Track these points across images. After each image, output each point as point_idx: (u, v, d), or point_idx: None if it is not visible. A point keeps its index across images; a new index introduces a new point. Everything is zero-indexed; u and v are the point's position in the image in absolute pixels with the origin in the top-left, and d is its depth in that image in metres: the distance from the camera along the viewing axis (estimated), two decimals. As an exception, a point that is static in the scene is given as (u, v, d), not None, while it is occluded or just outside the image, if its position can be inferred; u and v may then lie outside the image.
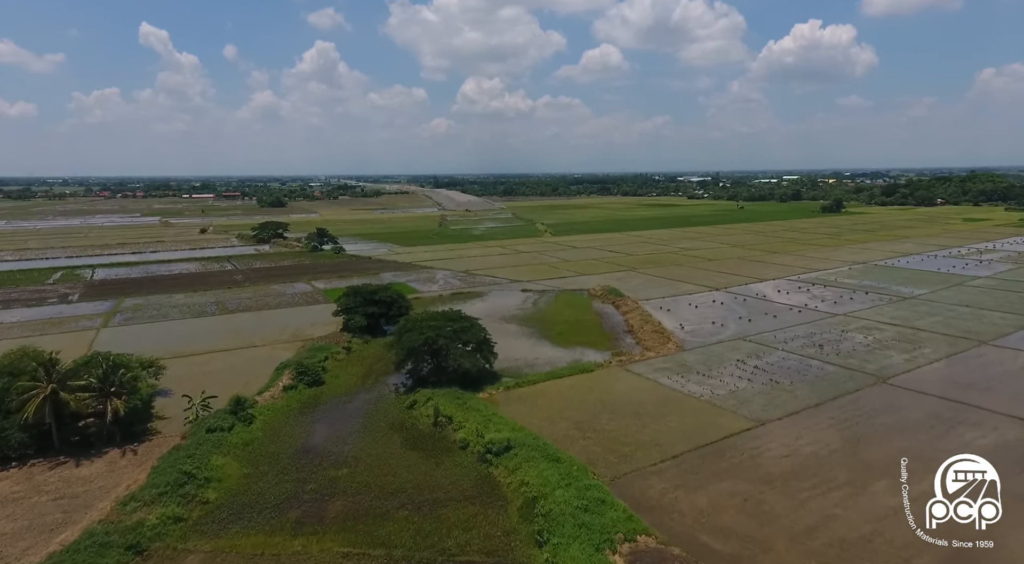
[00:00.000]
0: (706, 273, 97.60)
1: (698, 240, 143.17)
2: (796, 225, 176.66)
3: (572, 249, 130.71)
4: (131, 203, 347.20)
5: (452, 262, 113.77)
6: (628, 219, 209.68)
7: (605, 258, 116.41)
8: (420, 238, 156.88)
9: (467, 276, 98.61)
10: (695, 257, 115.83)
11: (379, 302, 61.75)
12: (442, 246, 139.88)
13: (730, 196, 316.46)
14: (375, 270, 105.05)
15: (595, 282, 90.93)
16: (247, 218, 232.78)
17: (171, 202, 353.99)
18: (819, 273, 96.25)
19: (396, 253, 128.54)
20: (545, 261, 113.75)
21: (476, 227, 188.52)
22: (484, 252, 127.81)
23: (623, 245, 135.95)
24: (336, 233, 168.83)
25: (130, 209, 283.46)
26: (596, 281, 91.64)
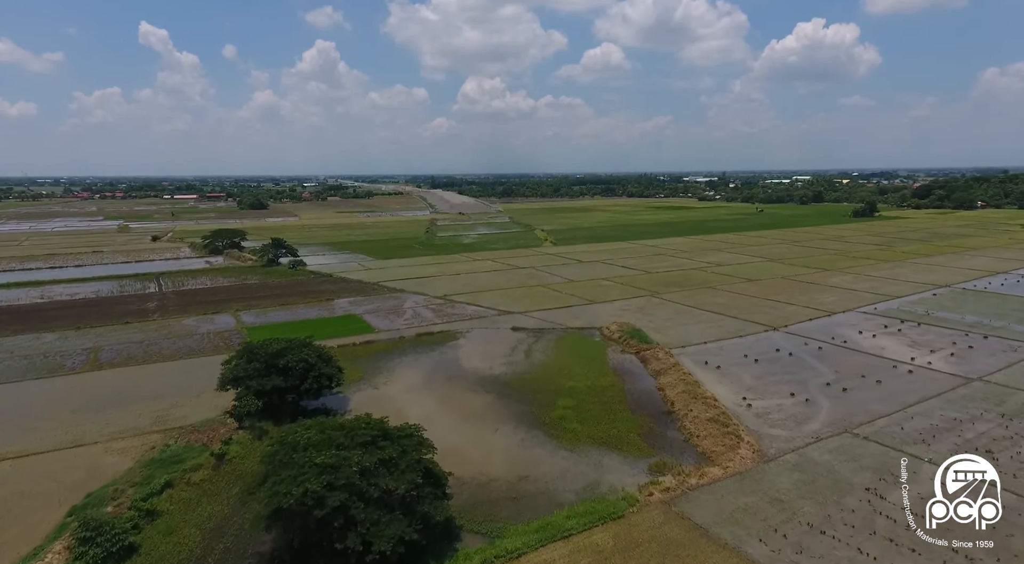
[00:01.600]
0: (751, 301, 75.95)
1: (725, 252, 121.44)
2: (831, 232, 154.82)
3: (577, 264, 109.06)
4: (106, 204, 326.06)
5: (430, 282, 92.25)
6: (637, 224, 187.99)
7: (617, 277, 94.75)
8: (400, 248, 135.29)
9: (444, 304, 77.03)
10: (728, 276, 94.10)
11: (287, 371, 40.07)
12: (423, 259, 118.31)
13: (744, 198, 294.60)
14: (330, 294, 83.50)
15: (609, 314, 69.37)
16: (218, 222, 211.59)
17: (149, 203, 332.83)
18: (897, 302, 74.56)
19: (366, 268, 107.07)
20: (544, 281, 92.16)
21: (467, 234, 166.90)
22: (471, 268, 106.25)
23: (637, 258, 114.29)
24: (307, 241, 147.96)
25: (95, 212, 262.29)
26: (610, 313, 70.08)
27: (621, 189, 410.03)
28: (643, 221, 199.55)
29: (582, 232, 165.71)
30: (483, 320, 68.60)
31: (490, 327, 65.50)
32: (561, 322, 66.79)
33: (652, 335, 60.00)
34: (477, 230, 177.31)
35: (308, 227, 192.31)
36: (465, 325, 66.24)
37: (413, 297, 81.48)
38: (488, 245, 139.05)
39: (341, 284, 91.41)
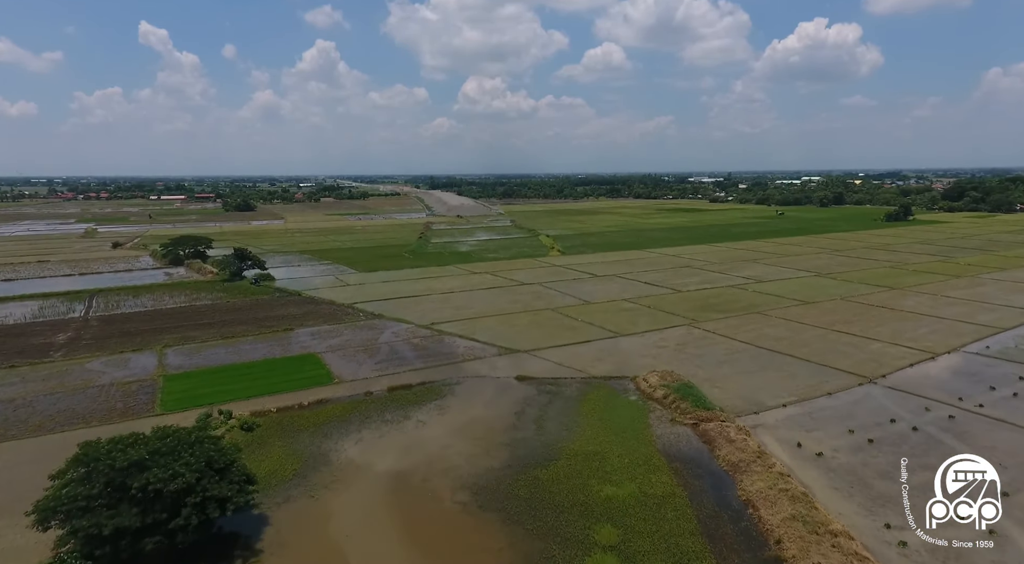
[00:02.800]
0: (819, 334, 59.92)
1: (760, 264, 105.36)
2: (871, 239, 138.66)
3: (591, 279, 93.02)
4: (90, 205, 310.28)
5: (417, 304, 76.39)
6: (651, 229, 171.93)
7: (642, 297, 78.77)
8: (387, 257, 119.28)
9: (430, 337, 61.07)
10: (775, 296, 78.09)
11: (147, 500, 23.99)
12: (412, 272, 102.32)
13: (759, 200, 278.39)
14: (291, 322, 67.53)
15: (641, 354, 53.47)
16: (197, 225, 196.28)
17: (134, 204, 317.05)
18: (1010, 335, 58.47)
19: (343, 283, 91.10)
20: (554, 302, 76.18)
21: (464, 240, 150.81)
22: (467, 283, 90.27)
23: (660, 271, 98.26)
24: (286, 248, 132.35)
25: (70, 215, 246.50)
26: (642, 352, 54.15)
27: (627, 190, 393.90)
28: (656, 225, 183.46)
29: (591, 238, 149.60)
30: (479, 363, 52.58)
31: (488, 375, 49.49)
32: (581, 367, 50.81)
33: (707, 390, 44.08)
34: (475, 235, 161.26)
35: (292, 232, 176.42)
36: (455, 371, 50.25)
37: (393, 326, 65.48)
38: (487, 254, 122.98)
39: (308, 306, 75.42)
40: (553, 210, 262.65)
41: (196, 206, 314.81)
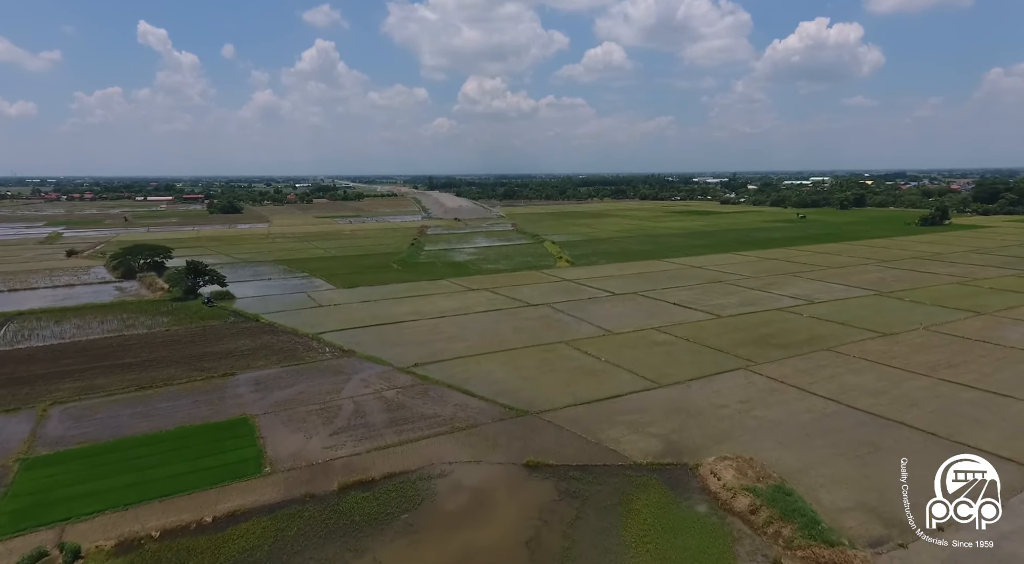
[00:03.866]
0: (925, 385, 45.33)
1: (802, 277, 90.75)
2: (916, 246, 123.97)
3: (609, 298, 78.42)
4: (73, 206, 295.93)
5: (398, 334, 61.93)
6: (665, 234, 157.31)
7: (675, 324, 64.18)
8: (372, 268, 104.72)
9: (412, 387, 46.50)
10: (839, 324, 63.41)
11: None
12: (399, 287, 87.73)
13: (774, 201, 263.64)
14: (235, 361, 52.93)
15: (696, 418, 38.93)
16: (174, 229, 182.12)
17: (118, 205, 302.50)
18: None
19: (314, 303, 76.55)
20: (569, 332, 61.56)
21: (461, 247, 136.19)
22: (462, 304, 75.71)
23: (688, 288, 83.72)
24: (261, 256, 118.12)
25: (41, 217, 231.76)
26: (697, 414, 39.55)
27: (632, 191, 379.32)
28: (669, 230, 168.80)
29: (602, 245, 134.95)
30: (474, 433, 38.02)
31: (486, 457, 34.91)
32: (616, 442, 36.26)
33: (809, 492, 29.55)
34: (474, 241, 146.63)
35: (274, 237, 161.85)
36: (440, 450, 35.66)
37: (364, 368, 50.91)
38: (486, 265, 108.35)
39: (264, 337, 60.82)
40: (557, 212, 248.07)
41: (182, 207, 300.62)
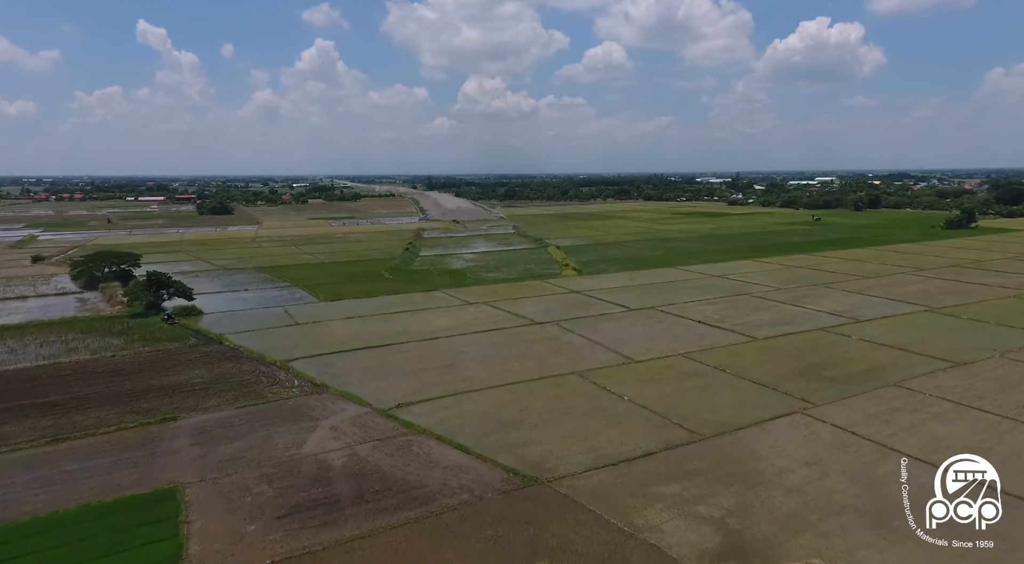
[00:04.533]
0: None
1: (837, 289, 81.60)
2: (951, 253, 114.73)
3: (624, 314, 69.23)
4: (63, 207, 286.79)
5: (381, 361, 52.85)
6: (676, 238, 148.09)
7: (705, 348, 55.03)
8: (361, 277, 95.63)
9: (391, 440, 37.35)
10: (899, 350, 54.24)
11: None
12: (388, 300, 78.61)
13: (784, 202, 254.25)
14: (184, 398, 43.71)
15: (755, 492, 29.56)
16: (158, 232, 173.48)
17: (107, 206, 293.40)
18: None
19: (290, 321, 67.41)
20: (583, 359, 52.35)
21: (459, 252, 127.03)
22: (457, 322, 66.55)
23: (711, 300, 74.62)
24: (243, 263, 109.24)
25: (22, 218, 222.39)
26: (755, 485, 30.20)
27: (635, 191, 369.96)
28: (680, 233, 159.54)
29: (610, 250, 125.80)
30: (467, 518, 28.74)
31: (483, 560, 25.70)
32: (656, 533, 27.12)
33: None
34: (472, 246, 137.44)
35: (261, 240, 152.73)
36: (422, 549, 26.47)
37: (336, 411, 41.74)
38: (486, 273, 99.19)
39: (224, 365, 51.66)
40: (559, 214, 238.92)
41: (174, 208, 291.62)
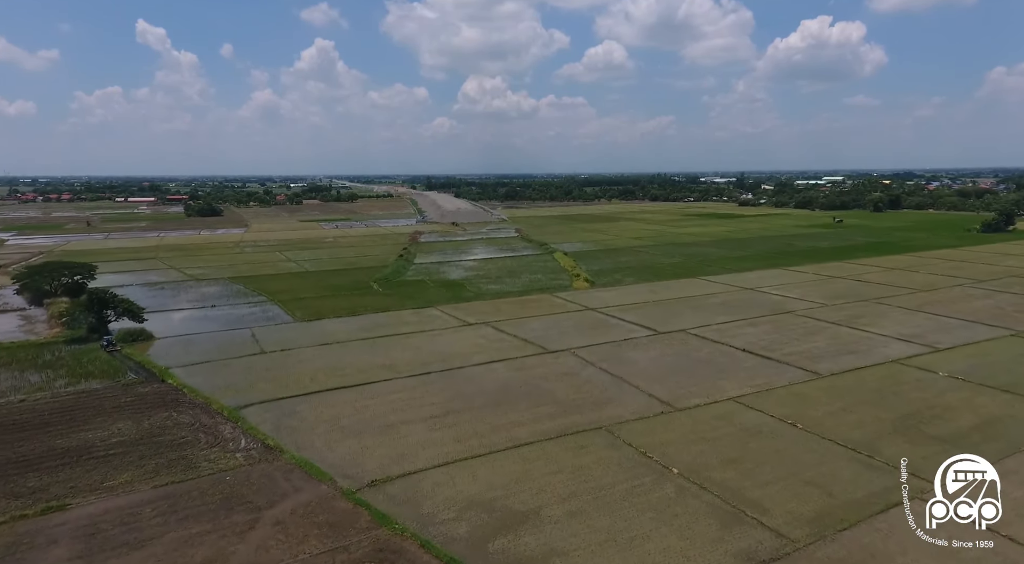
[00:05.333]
0: None
1: (894, 306, 70.73)
2: (1002, 260, 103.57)
3: (651, 340, 58.30)
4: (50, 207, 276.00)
5: (357, 407, 42.05)
6: (692, 242, 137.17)
7: (760, 389, 44.14)
8: (347, 290, 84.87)
9: (359, 543, 26.40)
10: (1011, 394, 43.41)
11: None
12: (374, 320, 67.78)
13: (798, 203, 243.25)
14: (80, 478, 32.67)
15: None
16: (135, 236, 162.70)
17: (95, 207, 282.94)
18: None
19: (255, 348, 56.53)
20: (609, 407, 41.47)
21: (457, 259, 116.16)
22: (453, 348, 55.68)
23: (750, 320, 63.79)
24: (218, 272, 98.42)
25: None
26: None
27: (640, 191, 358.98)
28: (695, 236, 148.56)
29: (623, 257, 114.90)
30: None
31: None
32: None
33: None
34: (472, 252, 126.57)
35: (245, 245, 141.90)
36: None
37: (289, 492, 30.88)
38: (487, 285, 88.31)
39: (157, 416, 40.76)
40: (564, 215, 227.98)
41: (163, 209, 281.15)
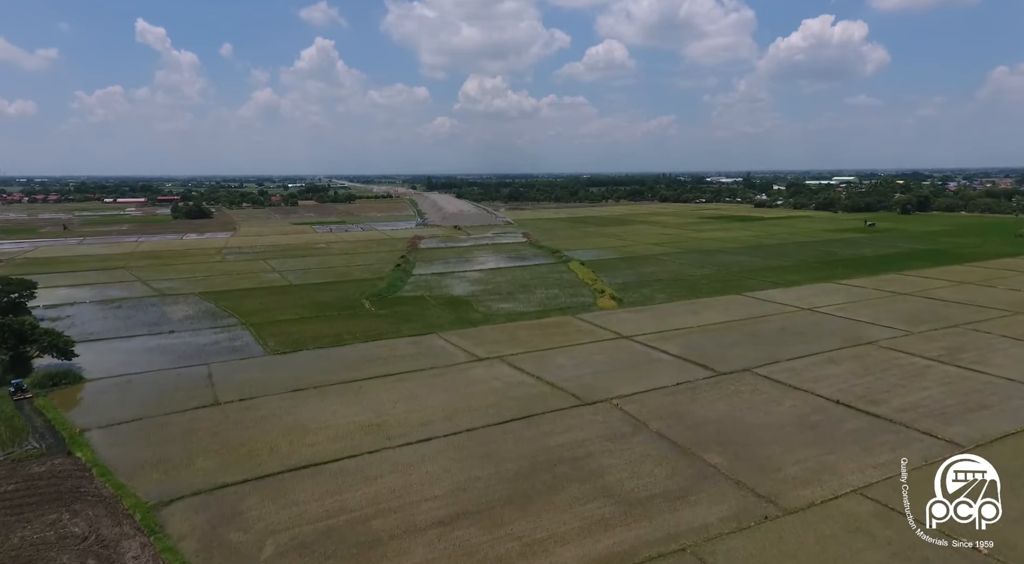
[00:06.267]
0: None
1: (998, 336, 58.16)
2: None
3: (713, 384, 45.70)
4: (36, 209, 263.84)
5: (331, 498, 29.74)
6: (719, 249, 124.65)
7: (889, 470, 31.43)
8: (334, 310, 72.49)
9: None
10: None
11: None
12: (361, 351, 55.35)
13: (819, 204, 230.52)
14: None
15: None
16: (115, 240, 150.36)
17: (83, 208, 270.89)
18: None
19: (213, 395, 44.03)
20: (692, 514, 28.86)
21: (462, 271, 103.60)
22: (461, 405, 43.18)
23: (828, 356, 51.34)
24: (188, 286, 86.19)
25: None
26: None
27: (649, 192, 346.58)
28: (720, 242, 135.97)
29: (647, 267, 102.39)
30: None
31: None
32: None
33: None
34: (477, 261, 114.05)
35: (228, 251, 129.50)
36: None
37: None
38: (498, 303, 75.80)
39: (36, 524, 28.21)
40: (571, 217, 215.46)
41: (151, 211, 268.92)
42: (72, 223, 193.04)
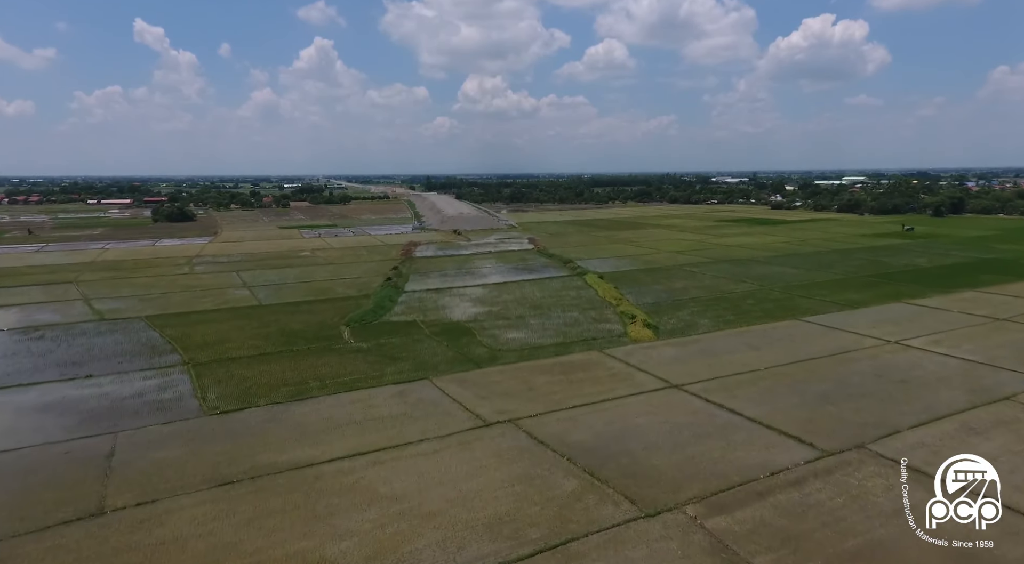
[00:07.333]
0: None
1: None
2: None
3: (827, 488, 31.47)
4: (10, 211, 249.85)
5: None
6: (751, 259, 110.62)
7: None
8: (305, 342, 58.40)
9: None
10: None
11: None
12: (330, 413, 41.25)
13: (842, 206, 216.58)
14: None
15: None
16: (80, 247, 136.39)
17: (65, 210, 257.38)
18: None
19: (102, 493, 30.00)
20: None
21: (462, 287, 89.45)
22: (461, 502, 29.03)
23: (961, 419, 37.23)
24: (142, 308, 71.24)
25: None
26: None
27: (657, 192, 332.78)
28: (750, 250, 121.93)
29: (676, 282, 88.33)
30: None
31: None
32: None
33: None
34: (480, 272, 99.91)
35: (199, 261, 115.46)
36: None
37: None
38: (506, 331, 61.63)
39: None
40: (579, 220, 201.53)
41: (137, 212, 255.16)
42: (43, 227, 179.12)
